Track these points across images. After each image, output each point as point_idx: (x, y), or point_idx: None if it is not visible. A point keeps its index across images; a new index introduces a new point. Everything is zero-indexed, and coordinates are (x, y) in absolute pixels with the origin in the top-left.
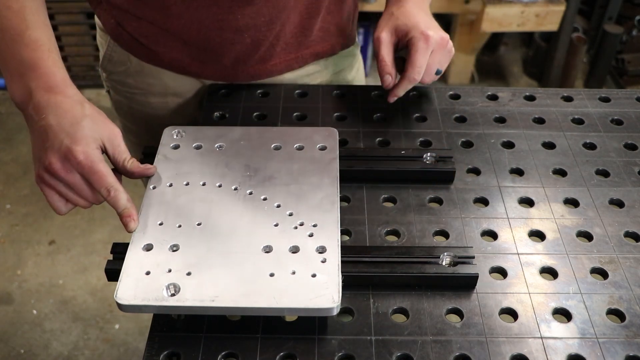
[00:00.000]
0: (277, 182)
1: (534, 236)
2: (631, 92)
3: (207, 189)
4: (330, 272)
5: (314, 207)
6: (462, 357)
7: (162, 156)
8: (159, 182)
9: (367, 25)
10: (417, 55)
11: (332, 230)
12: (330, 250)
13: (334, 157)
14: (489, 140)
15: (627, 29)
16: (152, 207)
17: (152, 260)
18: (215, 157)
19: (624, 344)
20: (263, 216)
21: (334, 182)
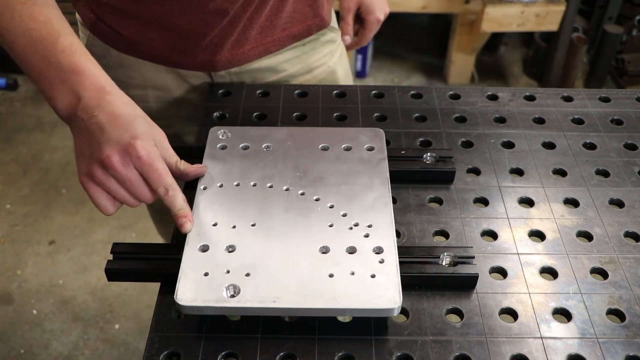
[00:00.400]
0: (328, 182)
1: (534, 236)
2: (631, 92)
3: (259, 189)
4: (389, 273)
5: (367, 208)
6: (462, 357)
7: (210, 157)
8: (210, 182)
9: None
10: (369, 33)
11: (387, 231)
12: (387, 251)
13: (383, 157)
14: (489, 140)
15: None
16: (205, 208)
17: (209, 261)
18: (264, 158)
19: (624, 344)
20: (317, 217)
21: (385, 183)
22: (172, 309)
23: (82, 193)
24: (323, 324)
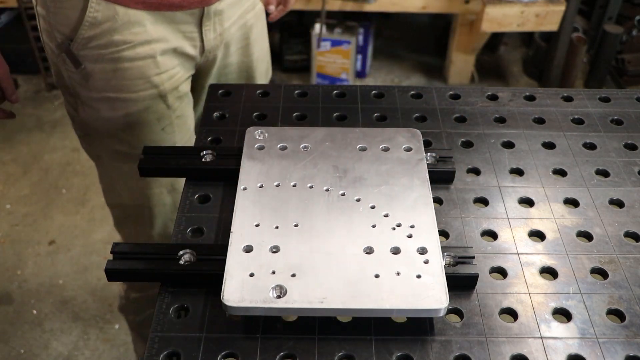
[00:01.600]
0: (368, 183)
1: (534, 236)
2: (631, 92)
3: (299, 189)
4: (434, 273)
5: (408, 208)
6: (462, 357)
7: (248, 157)
8: (250, 183)
9: (367, 25)
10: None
11: (430, 231)
12: (431, 251)
13: (421, 157)
14: (489, 140)
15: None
16: (247, 209)
17: (254, 261)
18: (302, 158)
19: (624, 344)
20: (359, 217)
21: (425, 183)
22: (171, 309)
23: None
24: (323, 324)
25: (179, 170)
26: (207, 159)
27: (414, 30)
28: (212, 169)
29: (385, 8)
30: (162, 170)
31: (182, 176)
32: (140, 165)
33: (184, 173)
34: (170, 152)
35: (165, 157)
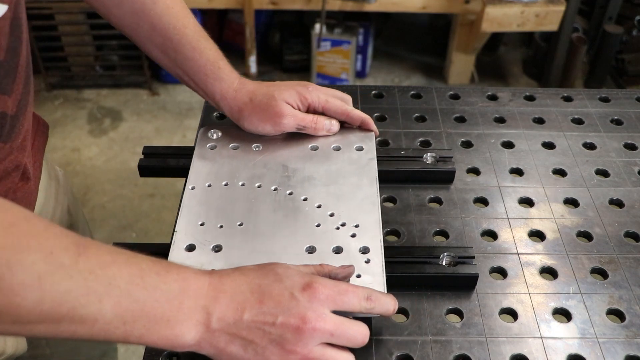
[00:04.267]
0: (317, 182)
1: (534, 236)
2: (631, 92)
3: (247, 189)
4: (375, 273)
5: (354, 208)
6: (462, 357)
7: (200, 156)
8: (198, 182)
9: (367, 25)
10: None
11: (374, 231)
12: (373, 251)
13: (372, 157)
14: (489, 140)
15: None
16: (193, 208)
17: (195, 260)
18: (253, 158)
19: (624, 344)
20: (304, 217)
21: (373, 183)
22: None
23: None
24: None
25: (179, 170)
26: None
27: (414, 30)
28: None
29: (385, 8)
30: (162, 170)
31: (182, 176)
32: (140, 165)
33: (184, 173)
34: (170, 152)
35: (165, 157)
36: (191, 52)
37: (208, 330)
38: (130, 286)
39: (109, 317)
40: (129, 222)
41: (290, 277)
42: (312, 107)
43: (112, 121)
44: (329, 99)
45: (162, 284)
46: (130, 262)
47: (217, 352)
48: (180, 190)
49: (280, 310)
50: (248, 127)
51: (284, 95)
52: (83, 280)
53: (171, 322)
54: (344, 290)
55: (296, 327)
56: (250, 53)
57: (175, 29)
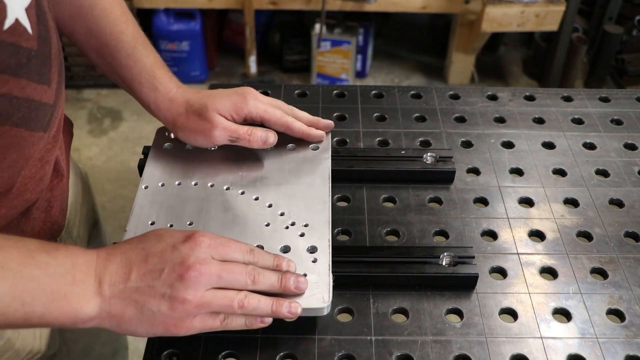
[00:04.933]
0: (269, 181)
1: (534, 236)
2: (631, 92)
3: (199, 188)
4: (320, 272)
5: (305, 207)
6: (462, 357)
7: (155, 156)
8: (151, 181)
9: (367, 25)
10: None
11: (322, 230)
12: (320, 250)
13: (327, 156)
14: (489, 140)
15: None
16: (144, 207)
17: None
18: (208, 157)
19: (624, 344)
20: (254, 216)
21: (325, 182)
22: None
23: None
24: (323, 324)
25: None
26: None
27: (414, 30)
28: None
29: (385, 8)
30: None
31: None
32: (140, 165)
33: None
34: None
35: None
36: (126, 60)
37: (103, 300)
38: (22, 267)
39: (6, 300)
40: None
41: (171, 234)
42: (249, 118)
43: (112, 121)
44: (267, 109)
45: (53, 260)
46: (18, 245)
47: (117, 322)
48: None
49: (164, 263)
50: (182, 138)
51: (217, 105)
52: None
53: (68, 296)
54: (227, 241)
55: (180, 274)
56: (250, 53)
57: (112, 35)
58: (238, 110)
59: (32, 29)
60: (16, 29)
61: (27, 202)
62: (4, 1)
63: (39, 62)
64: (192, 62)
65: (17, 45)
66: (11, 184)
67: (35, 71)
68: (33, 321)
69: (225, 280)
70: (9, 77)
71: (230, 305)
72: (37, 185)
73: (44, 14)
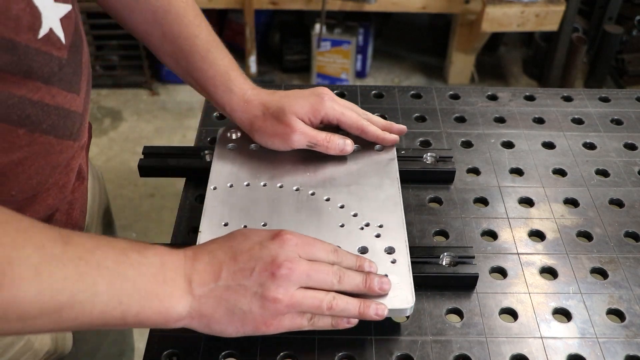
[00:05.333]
0: (338, 182)
1: (534, 236)
2: (631, 92)
3: (269, 189)
4: (401, 273)
5: (377, 208)
6: (462, 357)
7: (220, 157)
8: (219, 182)
9: (367, 25)
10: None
11: (398, 231)
12: (399, 251)
13: (392, 157)
14: (489, 140)
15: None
16: (216, 208)
17: None
18: (274, 157)
19: (624, 344)
20: (328, 217)
21: (394, 183)
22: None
23: None
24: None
25: (179, 170)
26: (207, 159)
27: (414, 30)
28: None
29: (385, 8)
30: (162, 170)
31: (182, 176)
32: (140, 165)
33: (184, 173)
34: (170, 152)
35: (165, 157)
36: (200, 63)
37: (194, 298)
38: (117, 265)
39: (105, 298)
40: (129, 222)
41: (257, 233)
42: (325, 120)
43: (112, 121)
44: (344, 112)
45: (144, 259)
46: (111, 245)
47: (206, 322)
48: (180, 191)
49: (254, 261)
50: (259, 140)
51: (295, 108)
52: (74, 266)
53: (160, 295)
54: (312, 240)
55: (272, 273)
56: (250, 53)
57: (186, 39)
58: (315, 112)
59: (65, 39)
60: (50, 37)
61: (51, 208)
62: (40, 10)
63: (70, 70)
64: None
65: (49, 54)
66: (38, 191)
67: (66, 79)
68: (129, 320)
69: (313, 280)
70: (42, 84)
71: (319, 306)
72: (60, 191)
73: (78, 24)
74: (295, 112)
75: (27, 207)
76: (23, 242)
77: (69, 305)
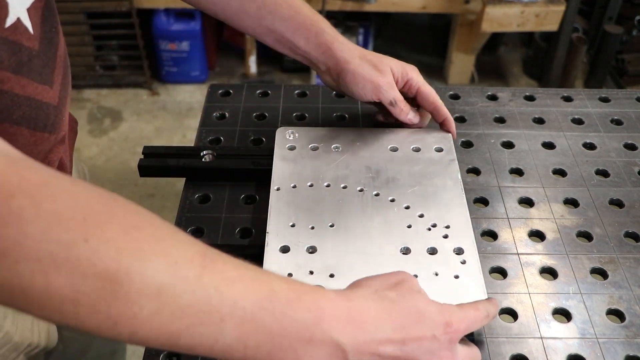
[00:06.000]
0: (401, 183)
1: (534, 236)
2: (631, 92)
3: (333, 190)
4: (472, 274)
5: (443, 209)
6: None
7: (280, 157)
8: (283, 183)
9: (367, 25)
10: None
11: (466, 231)
12: (468, 252)
13: (452, 158)
14: (489, 140)
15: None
16: (281, 209)
17: (291, 262)
18: (334, 158)
19: (624, 344)
20: (394, 217)
21: (457, 184)
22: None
23: None
24: None
25: (179, 170)
26: (207, 159)
27: (414, 30)
28: (212, 169)
29: (385, 8)
30: (162, 170)
31: (182, 176)
32: (140, 165)
33: (184, 173)
34: (170, 152)
35: (165, 157)
36: (287, 11)
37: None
38: (256, 309)
39: (229, 339)
40: None
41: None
42: (407, 86)
43: (112, 121)
44: (426, 84)
45: (293, 312)
46: (259, 281)
47: None
48: (180, 191)
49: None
50: (348, 83)
51: (391, 63)
52: (206, 296)
53: (298, 352)
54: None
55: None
56: (250, 53)
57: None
58: (404, 74)
59: (33, 29)
60: (17, 27)
61: None
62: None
63: (41, 62)
64: (192, 62)
65: (18, 43)
66: None
67: (36, 71)
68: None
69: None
70: (11, 74)
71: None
72: None
73: (52, 17)
74: (391, 66)
75: None
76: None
77: (188, 334)
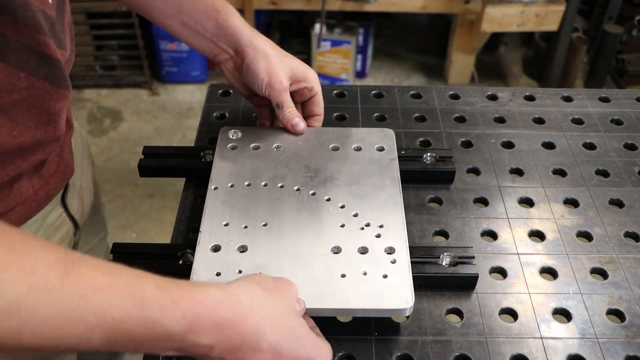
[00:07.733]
0: (339, 182)
1: (534, 236)
2: (631, 92)
3: (270, 189)
4: (401, 273)
5: (378, 208)
6: (462, 357)
7: (221, 156)
8: (220, 182)
9: (367, 25)
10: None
11: (399, 231)
12: (399, 251)
13: (393, 157)
14: (489, 140)
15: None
16: (216, 208)
17: (221, 261)
18: (274, 158)
19: (624, 344)
20: (329, 217)
21: (395, 183)
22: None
23: None
24: (323, 324)
25: (179, 170)
26: (207, 159)
27: (414, 30)
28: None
29: (385, 8)
30: (161, 170)
31: (182, 176)
32: (140, 165)
33: (184, 173)
34: (170, 152)
35: (165, 157)
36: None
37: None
38: (126, 318)
39: (97, 345)
40: (129, 222)
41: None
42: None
43: (112, 121)
44: (320, 94)
45: (165, 320)
46: (130, 286)
47: None
48: (180, 191)
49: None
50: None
51: (295, 64)
52: (70, 306)
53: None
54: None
55: None
56: None
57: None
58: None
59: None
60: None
61: (46, 154)
62: None
63: (59, 28)
64: (192, 62)
65: (44, 11)
66: (35, 140)
67: (57, 36)
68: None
69: None
70: (44, 37)
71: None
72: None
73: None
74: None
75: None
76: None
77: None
